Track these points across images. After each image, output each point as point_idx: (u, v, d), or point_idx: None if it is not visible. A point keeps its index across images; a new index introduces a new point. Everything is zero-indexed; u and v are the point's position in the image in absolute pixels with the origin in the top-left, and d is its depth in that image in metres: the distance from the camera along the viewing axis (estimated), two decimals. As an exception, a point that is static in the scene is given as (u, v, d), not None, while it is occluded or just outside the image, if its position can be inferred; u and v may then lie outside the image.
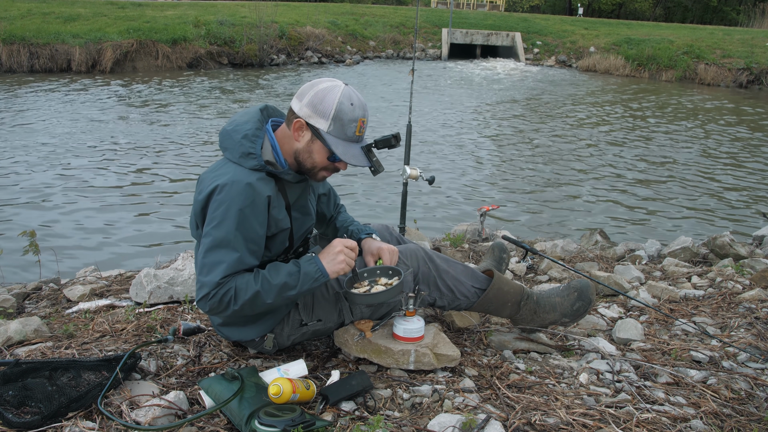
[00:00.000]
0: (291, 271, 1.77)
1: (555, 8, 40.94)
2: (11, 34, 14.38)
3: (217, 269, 1.75)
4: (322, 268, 1.79)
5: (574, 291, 2.22)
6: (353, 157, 1.81)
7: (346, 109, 1.76)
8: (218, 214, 1.75)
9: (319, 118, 1.77)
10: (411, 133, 3.70)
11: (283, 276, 1.76)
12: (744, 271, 3.28)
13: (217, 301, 1.75)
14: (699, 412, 1.79)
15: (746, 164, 8.80)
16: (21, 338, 2.12)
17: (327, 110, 1.76)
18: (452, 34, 22.51)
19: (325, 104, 1.76)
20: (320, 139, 1.79)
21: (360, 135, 1.82)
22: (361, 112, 1.80)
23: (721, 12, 38.51)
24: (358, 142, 1.84)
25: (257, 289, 1.74)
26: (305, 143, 1.82)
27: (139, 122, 9.65)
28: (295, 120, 1.80)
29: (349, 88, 1.80)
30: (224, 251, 1.75)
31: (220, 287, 1.75)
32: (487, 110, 12.39)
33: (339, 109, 1.76)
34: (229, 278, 1.75)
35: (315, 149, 1.82)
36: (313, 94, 1.78)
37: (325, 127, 1.77)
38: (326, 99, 1.76)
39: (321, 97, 1.77)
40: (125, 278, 3.18)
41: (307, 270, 1.78)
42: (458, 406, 1.77)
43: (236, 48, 17.15)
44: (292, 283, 1.76)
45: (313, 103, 1.77)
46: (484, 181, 7.35)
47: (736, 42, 20.29)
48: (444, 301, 2.12)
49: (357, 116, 1.78)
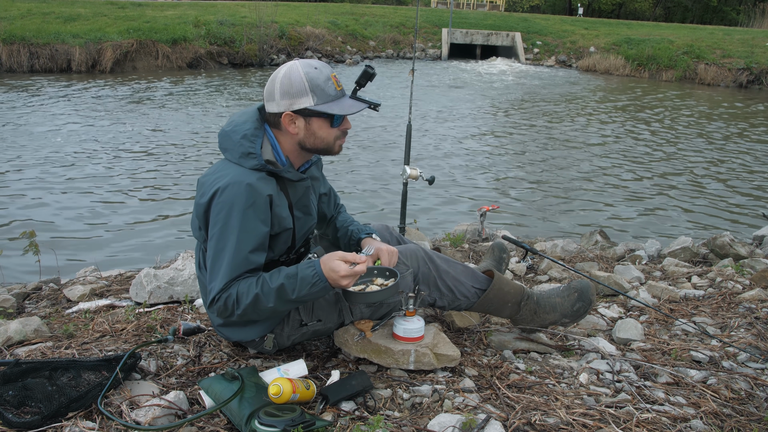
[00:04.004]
0: (289, 274, 1.75)
1: (555, 8, 40.93)
2: (11, 34, 14.38)
3: (221, 274, 1.75)
4: (320, 273, 1.73)
5: (575, 291, 2.22)
6: (351, 107, 1.82)
7: (314, 74, 1.79)
8: (221, 217, 1.75)
9: (299, 98, 1.78)
10: (411, 133, 3.69)
11: (281, 279, 1.74)
12: (744, 271, 3.28)
13: (222, 306, 1.76)
14: (699, 412, 1.79)
15: (746, 164, 8.80)
16: (21, 338, 2.12)
17: (301, 88, 1.78)
18: (452, 34, 22.50)
19: (296, 84, 1.78)
20: (314, 114, 1.80)
21: (341, 88, 1.84)
22: (327, 69, 1.83)
23: (721, 12, 38.50)
24: (345, 95, 1.86)
25: (257, 293, 1.73)
26: (303, 130, 1.83)
27: (139, 122, 9.65)
28: (282, 116, 1.81)
29: (303, 60, 1.84)
30: (228, 254, 1.75)
31: (223, 292, 1.75)
32: (487, 110, 12.38)
33: (309, 79, 1.78)
34: (233, 282, 1.76)
35: (316, 127, 1.83)
36: (279, 86, 1.80)
37: (309, 102, 1.78)
38: (293, 80, 1.78)
39: (288, 82, 1.79)
40: (125, 278, 3.18)
41: (304, 274, 1.73)
42: (458, 406, 1.77)
43: (236, 48, 17.15)
44: (289, 286, 1.73)
45: (285, 91, 1.79)
46: (484, 181, 7.35)
47: (736, 42, 20.28)
48: (444, 302, 2.12)
49: (327, 74, 1.81)
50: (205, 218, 1.81)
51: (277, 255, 1.94)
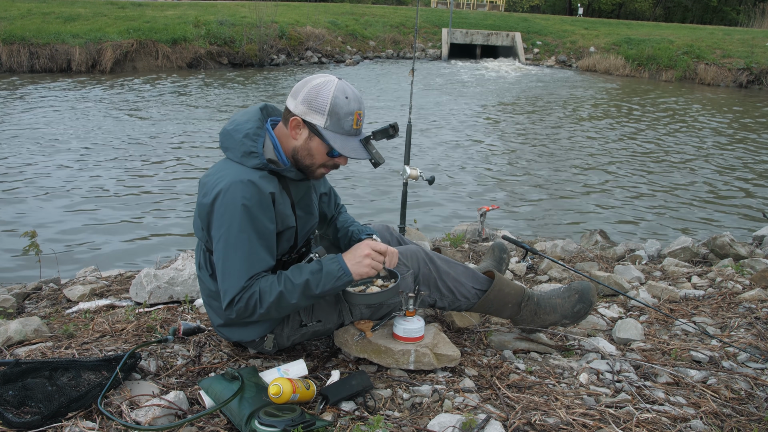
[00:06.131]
0: (313, 270, 1.76)
1: (555, 8, 40.93)
2: (11, 34, 14.39)
3: (237, 273, 1.74)
4: (344, 267, 1.76)
5: (576, 293, 2.22)
6: (352, 151, 1.79)
7: (341, 102, 1.76)
8: (226, 218, 1.75)
9: (315, 114, 1.76)
10: (411, 133, 3.70)
11: (305, 275, 1.75)
12: (744, 271, 3.28)
13: (243, 306, 1.75)
14: (699, 412, 1.79)
15: (746, 164, 8.80)
16: (21, 338, 2.12)
17: (322, 106, 1.75)
18: (452, 34, 22.50)
19: (320, 100, 1.75)
20: (318, 135, 1.79)
21: (357, 128, 1.81)
22: (357, 105, 1.79)
23: (721, 12, 38.50)
24: (356, 136, 1.83)
25: (281, 290, 1.73)
26: (303, 141, 1.82)
27: (139, 122, 9.65)
28: (291, 118, 1.80)
29: (343, 82, 1.80)
30: (239, 253, 1.74)
31: (244, 291, 1.74)
32: (487, 110, 12.39)
33: (334, 104, 1.75)
34: (253, 281, 1.75)
35: (313, 146, 1.81)
36: (307, 90, 1.77)
37: (321, 122, 1.76)
38: (321, 94, 1.75)
39: (315, 93, 1.76)
40: (125, 278, 3.18)
41: (330, 269, 1.76)
42: (458, 406, 1.77)
43: (236, 48, 17.15)
44: (314, 282, 1.74)
45: (308, 100, 1.77)
46: (484, 181, 7.35)
47: (736, 42, 20.28)
48: (444, 302, 2.12)
49: (353, 109, 1.77)
50: (207, 219, 1.81)
51: (280, 254, 1.94)
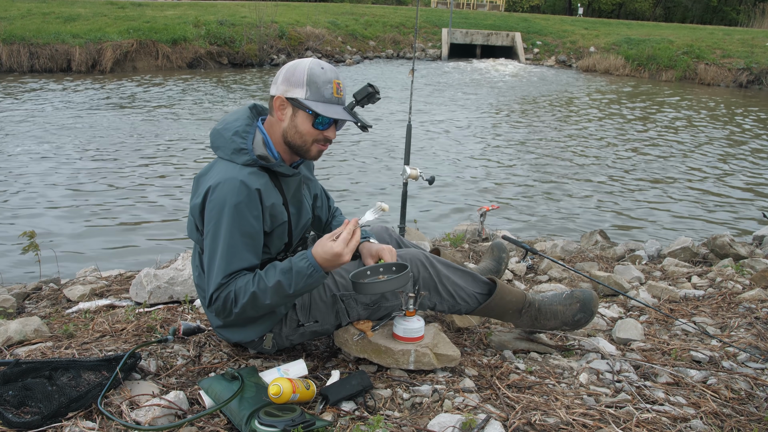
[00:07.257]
0: (284, 269, 1.74)
1: (555, 8, 40.94)
2: (11, 34, 14.39)
3: (216, 271, 1.75)
4: (313, 262, 1.73)
5: (577, 302, 2.20)
6: (335, 113, 1.81)
7: (317, 72, 1.80)
8: (213, 216, 1.76)
9: (295, 88, 1.80)
10: (411, 133, 3.69)
11: (277, 275, 1.74)
12: (744, 271, 3.28)
13: (221, 305, 1.76)
14: (699, 412, 1.79)
15: (746, 164, 8.79)
16: (21, 338, 2.12)
17: (300, 78, 1.80)
18: (452, 34, 22.50)
19: (297, 74, 1.80)
20: (301, 107, 1.81)
21: (339, 96, 1.84)
22: (333, 74, 1.83)
23: (721, 12, 38.52)
24: (339, 104, 1.86)
25: (254, 290, 1.73)
26: (289, 119, 1.84)
27: (139, 122, 9.65)
28: (275, 98, 1.83)
29: (318, 60, 1.85)
30: (219, 251, 1.75)
31: (221, 290, 1.75)
32: (487, 110, 12.39)
33: (311, 74, 1.79)
34: (230, 281, 1.75)
35: (299, 121, 1.83)
36: (285, 71, 1.84)
37: (302, 94, 1.79)
38: (297, 70, 1.81)
39: (292, 70, 1.82)
40: (125, 278, 3.18)
41: (299, 267, 1.73)
42: (458, 406, 1.77)
43: (236, 48, 17.15)
44: (285, 282, 1.73)
45: (286, 78, 1.82)
46: (484, 181, 7.34)
47: (736, 42, 20.29)
48: (444, 306, 2.11)
49: (330, 78, 1.81)
50: (201, 218, 1.81)
51: (274, 253, 1.94)
